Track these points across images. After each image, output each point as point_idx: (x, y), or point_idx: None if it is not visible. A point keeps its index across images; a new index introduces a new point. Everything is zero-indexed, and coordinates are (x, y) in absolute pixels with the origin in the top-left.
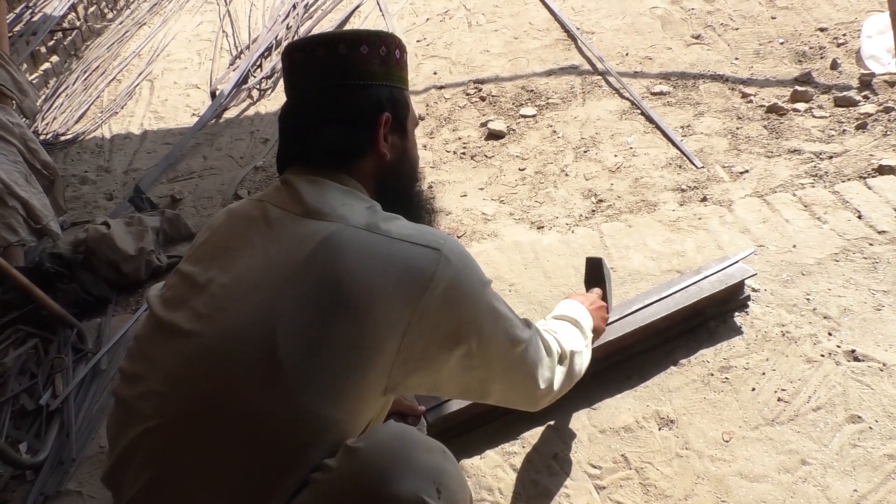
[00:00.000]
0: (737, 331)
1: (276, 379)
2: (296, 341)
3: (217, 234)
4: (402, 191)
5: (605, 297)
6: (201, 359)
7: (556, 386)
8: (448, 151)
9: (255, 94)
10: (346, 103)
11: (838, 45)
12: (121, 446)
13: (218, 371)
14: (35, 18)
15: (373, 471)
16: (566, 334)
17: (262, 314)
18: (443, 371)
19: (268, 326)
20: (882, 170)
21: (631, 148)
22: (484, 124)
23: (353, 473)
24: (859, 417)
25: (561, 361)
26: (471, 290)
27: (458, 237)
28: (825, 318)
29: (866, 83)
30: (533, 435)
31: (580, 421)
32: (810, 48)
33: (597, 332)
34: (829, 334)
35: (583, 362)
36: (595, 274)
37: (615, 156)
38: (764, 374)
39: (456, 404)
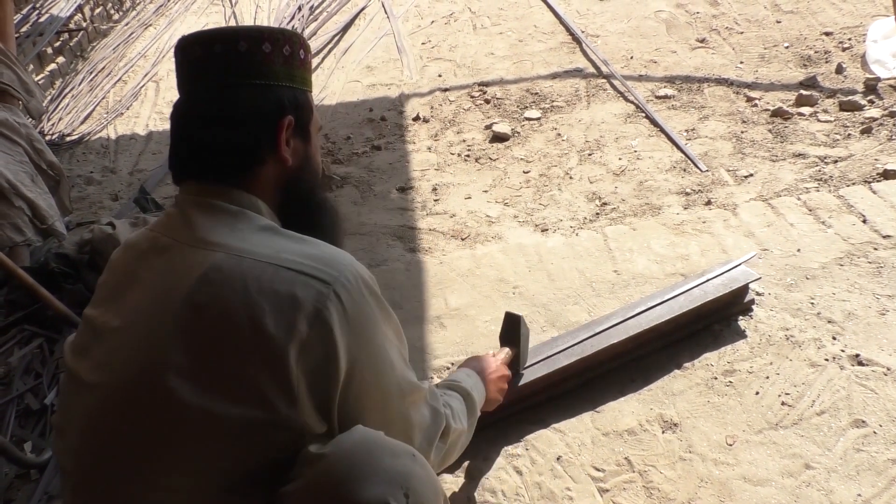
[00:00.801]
0: (741, 334)
1: (177, 426)
2: (191, 384)
3: (112, 273)
4: (305, 198)
5: (515, 359)
6: (104, 413)
7: (433, 458)
8: (452, 154)
9: None
10: (244, 104)
11: (843, 50)
12: (64, 503)
13: (122, 424)
14: (41, 20)
15: (338, 477)
16: (454, 409)
17: (152, 360)
18: (334, 412)
19: (159, 372)
20: (887, 174)
21: (635, 151)
22: (488, 127)
23: (318, 481)
24: (863, 422)
25: (443, 435)
26: (361, 332)
27: (462, 239)
28: (829, 322)
29: (871, 87)
30: (536, 437)
31: (584, 423)
32: (815, 52)
33: (491, 403)
34: (834, 338)
35: (461, 445)
36: (511, 331)
37: (619, 159)
38: (768, 377)
39: None
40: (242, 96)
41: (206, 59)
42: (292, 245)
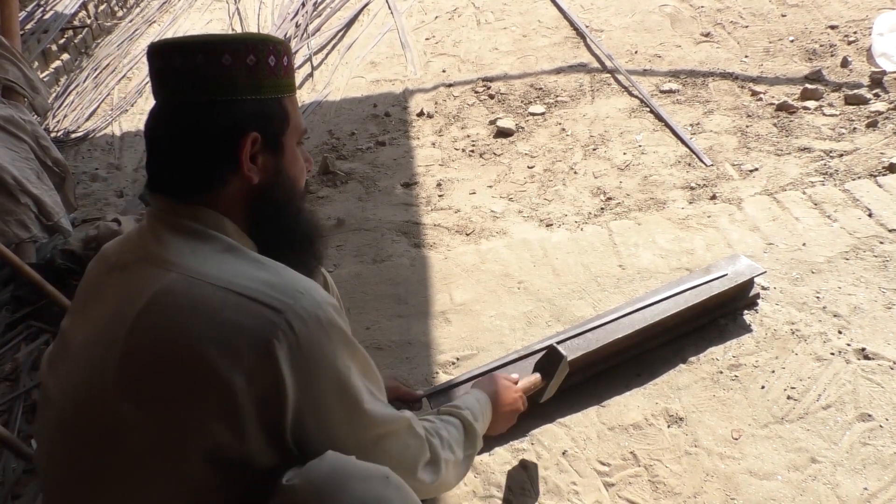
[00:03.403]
0: (746, 329)
1: (126, 455)
2: (135, 414)
3: (84, 284)
4: (277, 214)
5: (540, 390)
6: (61, 431)
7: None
8: (457, 149)
9: None
10: (201, 125)
11: (849, 43)
12: None
13: (76, 445)
14: (46, 17)
15: None
16: (446, 440)
17: (100, 384)
18: (288, 445)
19: (106, 398)
20: (893, 168)
21: (640, 146)
22: (493, 122)
23: None
24: (869, 416)
25: (432, 466)
26: (316, 363)
27: (467, 234)
28: (835, 316)
29: (877, 81)
30: (542, 432)
31: (589, 418)
32: (821, 46)
33: (494, 430)
34: (839, 332)
35: (456, 475)
36: (549, 365)
37: (624, 154)
38: (773, 371)
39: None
40: (198, 116)
41: (167, 72)
42: (251, 270)
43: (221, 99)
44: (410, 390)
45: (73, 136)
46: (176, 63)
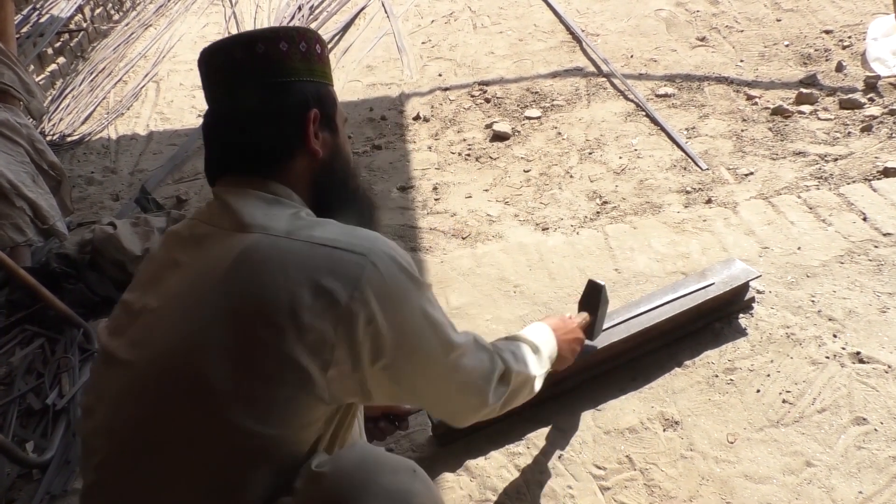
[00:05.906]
0: (741, 332)
1: (209, 402)
2: (223, 361)
3: (153, 259)
4: (338, 188)
5: (590, 326)
6: (136, 389)
7: (492, 400)
8: (453, 153)
9: None
10: (270, 102)
11: (843, 48)
12: (85, 484)
13: (153, 399)
14: (42, 20)
15: (338, 496)
16: (516, 354)
17: (187, 337)
18: (373, 379)
19: (194, 349)
20: (887, 172)
21: (636, 150)
22: (489, 126)
23: (317, 499)
24: (864, 419)
25: (503, 378)
26: (400, 297)
27: (463, 238)
28: (830, 319)
29: (871, 85)
30: (538, 436)
31: (585, 422)
32: (815, 50)
33: (562, 361)
34: (834, 336)
35: (528, 389)
36: (591, 298)
37: (620, 158)
38: (769, 375)
39: None
40: (265, 95)
41: (228, 65)
42: (325, 227)
43: (284, 80)
44: (399, 405)
45: (69, 139)
46: (237, 55)
